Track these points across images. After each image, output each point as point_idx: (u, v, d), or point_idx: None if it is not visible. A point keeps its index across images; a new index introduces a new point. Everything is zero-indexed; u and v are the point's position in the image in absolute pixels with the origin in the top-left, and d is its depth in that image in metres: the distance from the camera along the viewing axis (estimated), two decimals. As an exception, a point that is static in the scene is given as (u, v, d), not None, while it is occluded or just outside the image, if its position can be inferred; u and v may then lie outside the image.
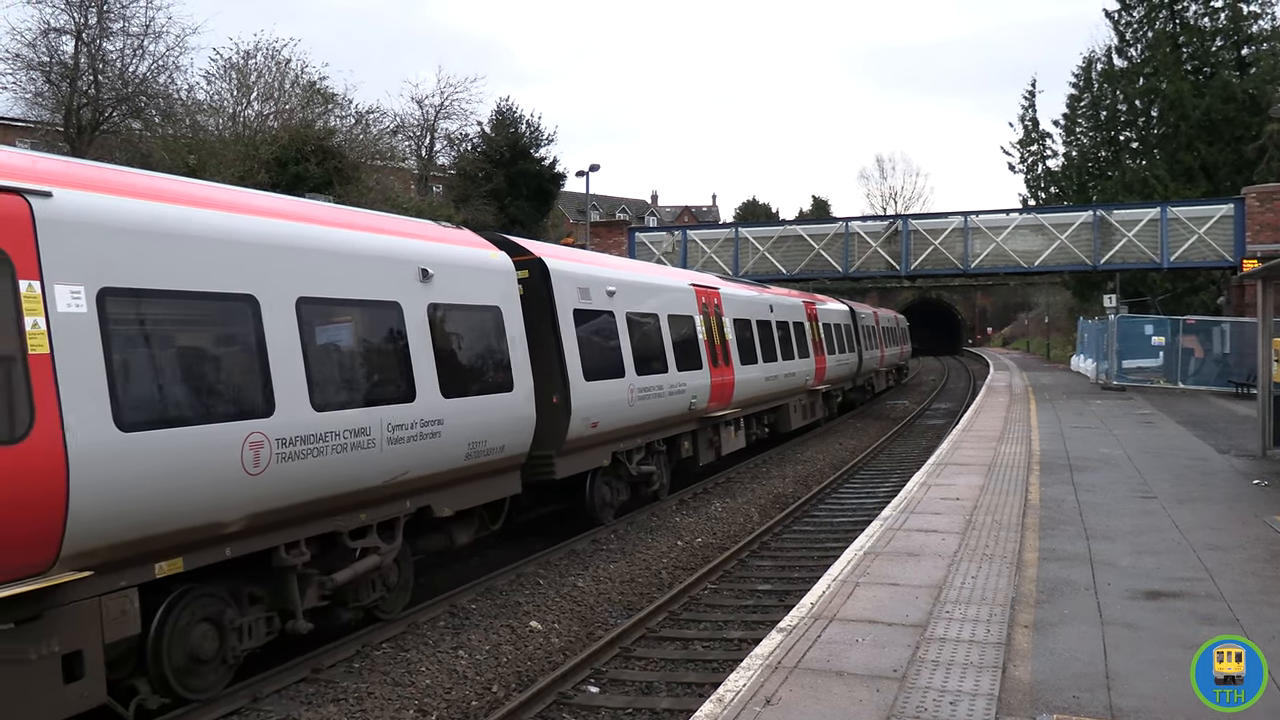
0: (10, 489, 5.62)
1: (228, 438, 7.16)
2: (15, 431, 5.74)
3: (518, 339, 11.28)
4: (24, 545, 5.80)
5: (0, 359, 5.83)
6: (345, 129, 39.10)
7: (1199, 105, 39.11)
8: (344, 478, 8.34)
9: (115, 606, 6.53)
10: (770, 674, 6.27)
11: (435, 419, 9.48)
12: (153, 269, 6.80)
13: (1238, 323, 28.96)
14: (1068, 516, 11.11)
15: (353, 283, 8.80)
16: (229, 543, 7.42)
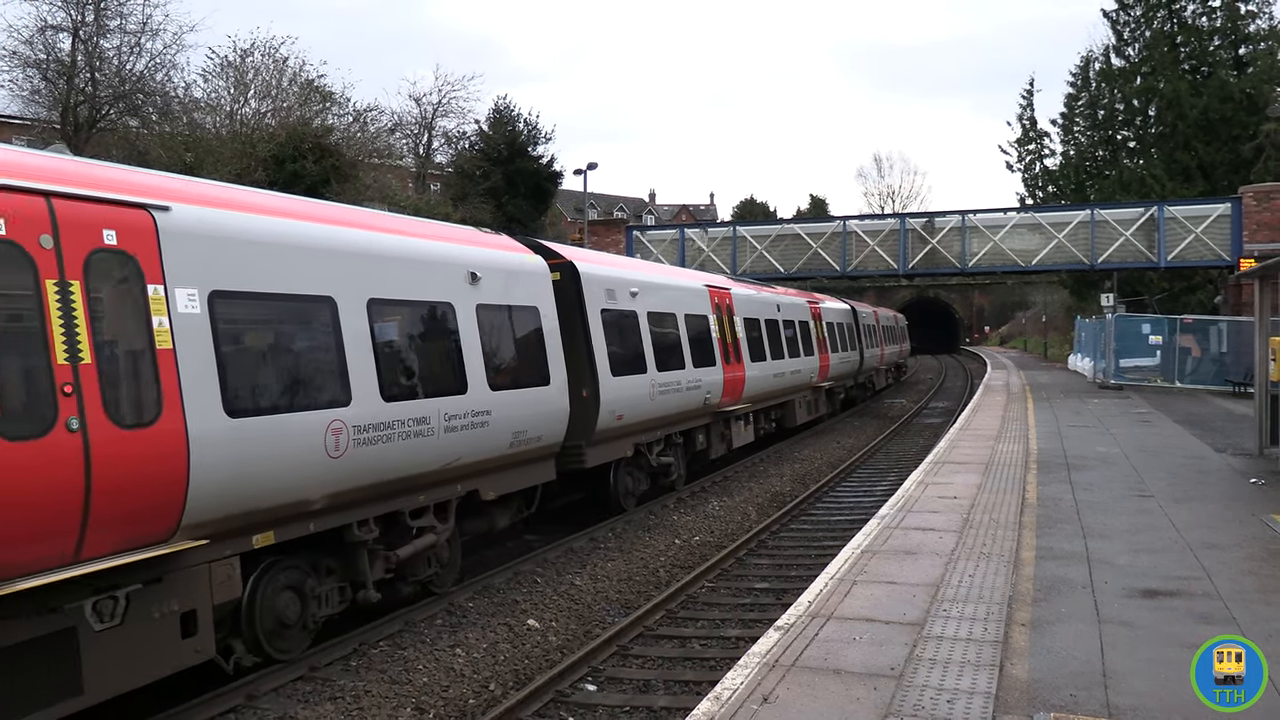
0: (143, 468, 6.47)
1: (314, 424, 8.02)
2: (146, 417, 6.58)
3: (553, 336, 12.21)
4: (153, 517, 6.64)
5: (133, 354, 6.65)
6: (343, 127, 39.08)
7: (1196, 104, 39.11)
8: (407, 462, 9.19)
9: (221, 572, 7.42)
10: (768, 672, 6.27)
11: (484, 410, 10.36)
12: (251, 273, 7.66)
13: (1235, 322, 28.97)
14: (1065, 515, 11.12)
15: (413, 285, 9.72)
16: (312, 519, 8.27)
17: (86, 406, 6.17)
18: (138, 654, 6.73)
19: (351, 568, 9.02)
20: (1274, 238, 28.35)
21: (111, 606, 6.53)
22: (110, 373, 6.41)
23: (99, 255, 6.47)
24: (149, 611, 6.80)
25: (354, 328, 8.63)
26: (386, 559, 9.35)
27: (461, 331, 10.27)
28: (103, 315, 6.46)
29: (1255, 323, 16.54)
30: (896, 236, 33.20)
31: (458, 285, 10.39)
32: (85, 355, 6.22)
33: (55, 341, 6.09)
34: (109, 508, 6.24)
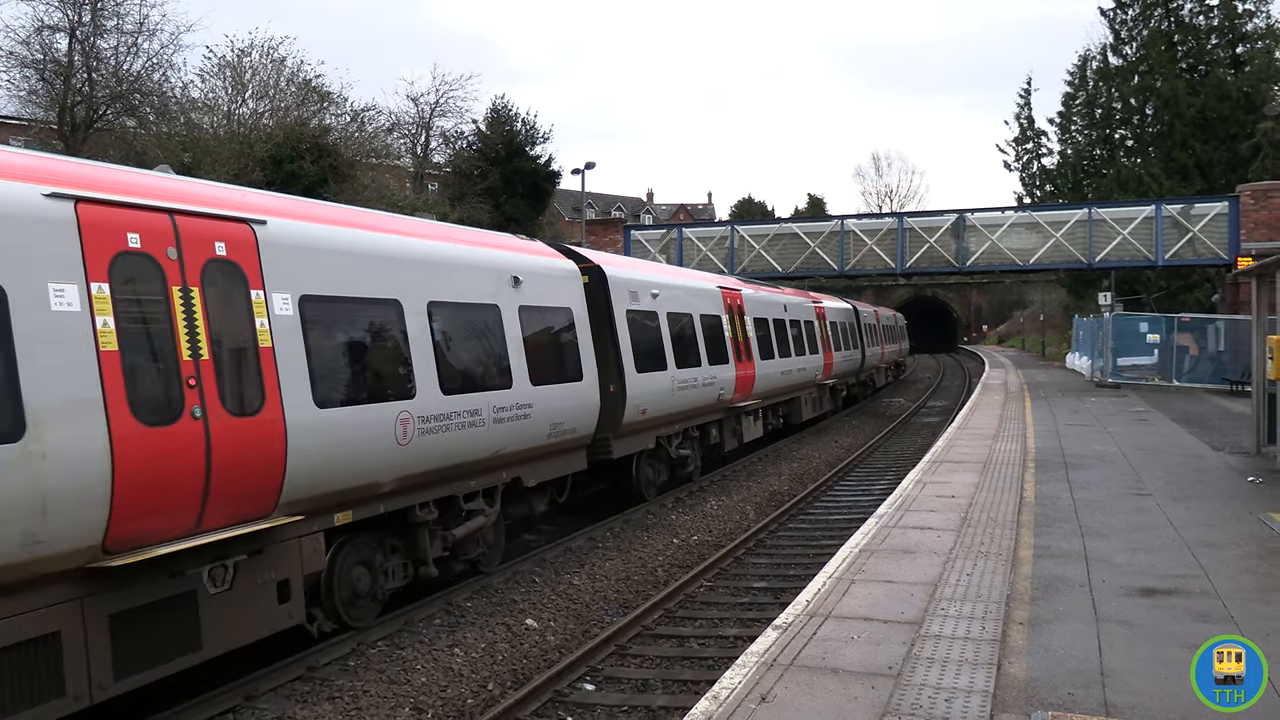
0: (251, 452, 7.36)
1: (387, 415, 8.93)
2: (253, 407, 7.48)
3: (585, 335, 13.13)
4: (257, 495, 7.53)
5: (241, 351, 7.52)
6: (340, 127, 39.03)
7: (1194, 103, 39.11)
8: (462, 450, 10.12)
9: (309, 546, 8.33)
10: (766, 671, 6.27)
11: (527, 403, 11.33)
12: (333, 279, 8.61)
13: (1232, 320, 28.99)
14: (1063, 514, 11.13)
15: (465, 288, 10.65)
16: (383, 500, 9.16)
17: (206, 397, 7.09)
18: (243, 616, 7.63)
19: (413, 546, 9.92)
20: (1271, 236, 28.36)
21: (223, 574, 7.46)
22: (224, 368, 7.33)
23: (212, 264, 7.37)
24: (253, 579, 7.70)
25: (417, 328, 9.56)
26: (444, 538, 10.25)
27: (506, 331, 11.24)
28: (216, 317, 7.33)
29: (1253, 321, 16.56)
30: (894, 235, 33.21)
31: (502, 288, 11.35)
32: (204, 352, 7.16)
33: (181, 340, 7.01)
34: (224, 486, 7.16)
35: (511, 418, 10.99)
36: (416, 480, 9.47)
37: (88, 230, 6.47)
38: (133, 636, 6.71)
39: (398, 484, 9.21)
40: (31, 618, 6.07)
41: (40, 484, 5.93)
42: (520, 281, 11.66)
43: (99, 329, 6.44)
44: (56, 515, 6.02)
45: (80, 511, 6.17)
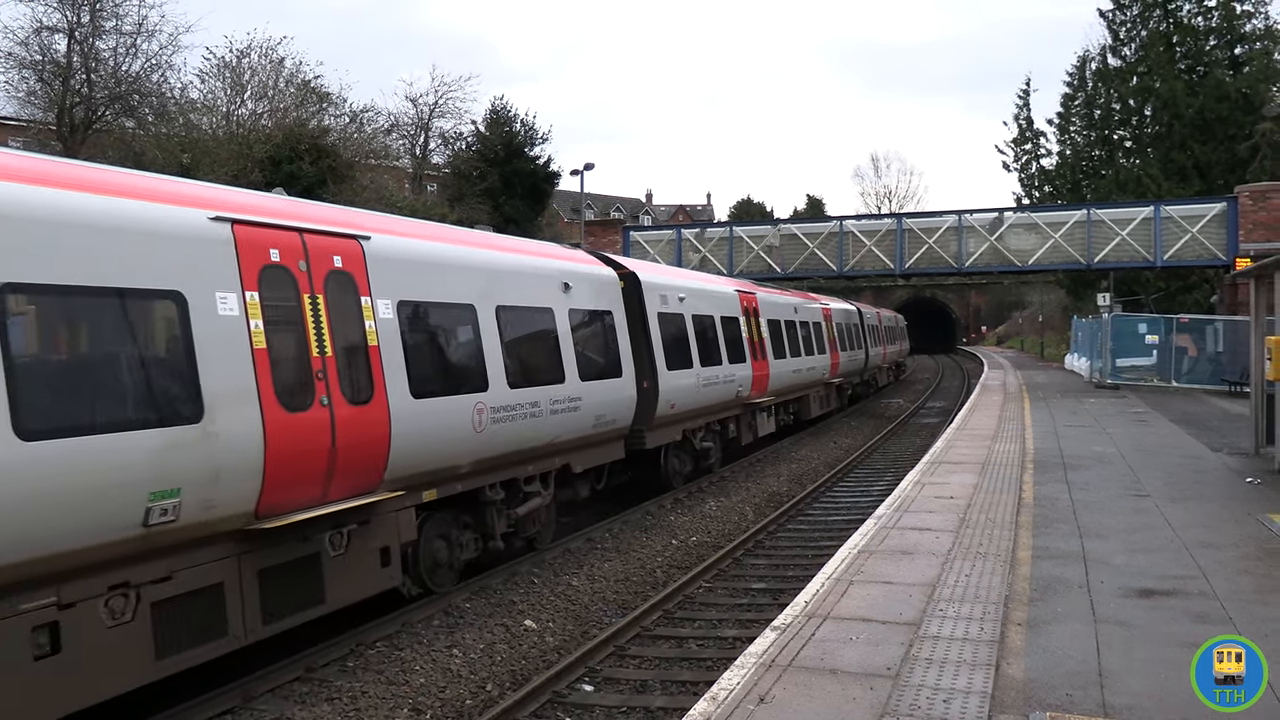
0: (363, 435, 8.53)
1: (466, 405, 10.14)
2: (364, 397, 8.66)
3: (624, 336, 14.38)
4: (368, 472, 8.68)
5: (354, 349, 8.70)
6: (339, 128, 39.03)
7: (1192, 104, 39.12)
8: (524, 438, 11.31)
9: (404, 519, 9.42)
10: (764, 672, 6.28)
11: (576, 397, 12.52)
12: (423, 286, 9.81)
13: (1231, 321, 28.98)
14: (1061, 515, 11.13)
15: (526, 293, 11.91)
16: (460, 481, 10.35)
17: (331, 388, 8.25)
18: (355, 577, 8.78)
19: (482, 522, 11.08)
20: (1270, 237, 28.37)
21: (340, 540, 8.56)
22: (342, 363, 8.49)
23: (332, 275, 8.54)
24: (362, 545, 8.83)
25: (488, 328, 10.78)
26: (508, 516, 11.44)
27: (559, 331, 12.46)
28: (336, 320, 8.47)
29: (1251, 322, 16.57)
30: (893, 236, 33.21)
31: (555, 293, 12.59)
32: (328, 350, 8.32)
33: (311, 339, 8.16)
34: (344, 464, 8.32)
35: (564, 409, 12.20)
36: (488, 464, 10.74)
37: (242, 247, 7.65)
38: (275, 589, 7.89)
39: (473, 466, 10.46)
40: (203, 570, 7.23)
41: (214, 458, 7.09)
42: (569, 287, 12.96)
43: (252, 330, 7.59)
44: (225, 485, 7.19)
45: (241, 482, 7.35)
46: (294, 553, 8.07)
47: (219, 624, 7.36)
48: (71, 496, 6.07)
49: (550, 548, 12.77)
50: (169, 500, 6.74)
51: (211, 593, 7.30)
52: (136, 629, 6.70)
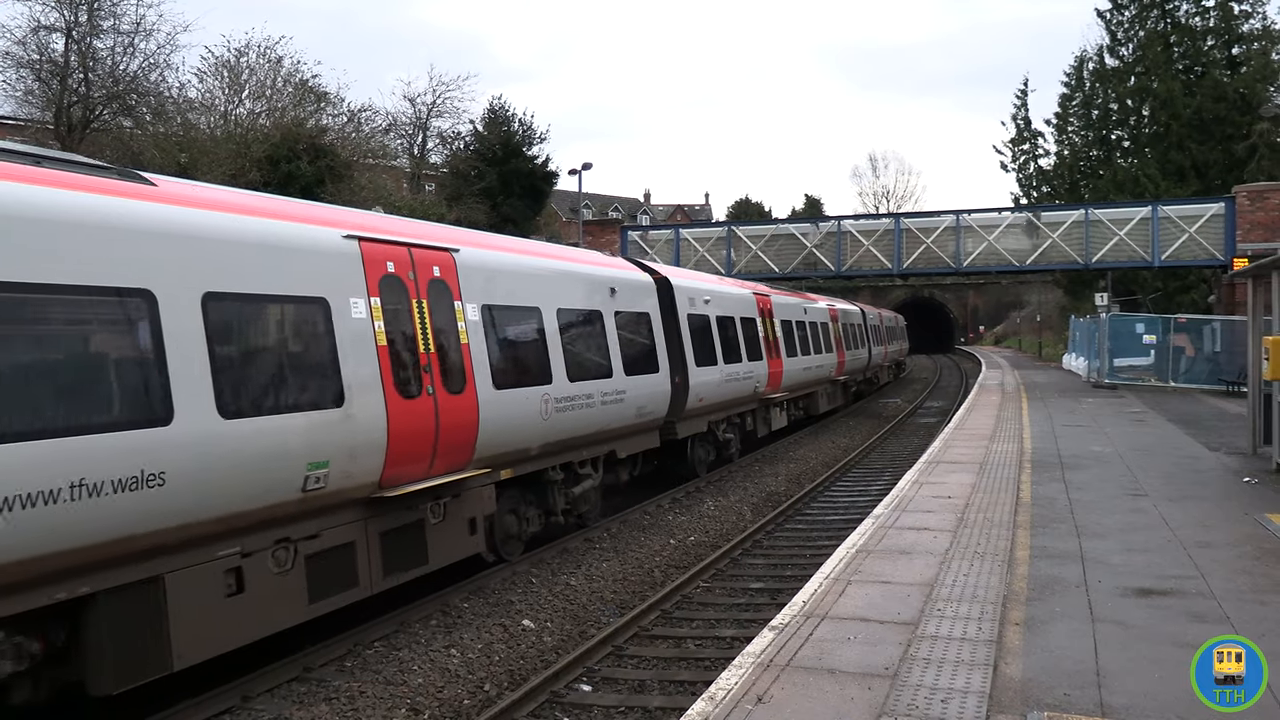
0: (458, 420, 9.87)
1: (536, 396, 11.52)
2: (458, 387, 9.98)
3: (660, 336, 15.71)
4: (461, 452, 10.01)
5: (450, 347, 10.01)
6: (337, 127, 39.01)
7: (1190, 104, 39.18)
8: (579, 426, 12.65)
9: (487, 494, 10.78)
10: (762, 672, 6.27)
11: (622, 390, 13.88)
12: (500, 292, 11.20)
13: (1228, 321, 29.03)
14: (1059, 514, 11.14)
15: (580, 297, 13.35)
16: (530, 462, 11.71)
17: (435, 380, 9.60)
18: (449, 542, 10.14)
19: (544, 500, 12.46)
20: (1267, 237, 28.41)
21: (438, 509, 9.92)
22: (442, 358, 9.81)
23: (432, 283, 9.91)
24: (455, 515, 10.21)
25: (551, 328, 12.17)
26: (566, 495, 12.84)
27: (607, 331, 13.84)
28: (436, 321, 9.83)
29: (1249, 322, 16.59)
30: (891, 236, 33.23)
31: (604, 297, 14.00)
32: (431, 347, 9.66)
33: (418, 338, 9.53)
34: (444, 445, 9.66)
35: (611, 401, 13.56)
36: (552, 448, 12.10)
37: (367, 260, 9.03)
38: (392, 549, 9.21)
39: (540, 450, 11.81)
40: (341, 530, 8.58)
41: (352, 437, 8.39)
42: (615, 291, 14.36)
43: (376, 330, 8.91)
44: (359, 459, 8.48)
45: (371, 456, 8.63)
46: (405, 519, 9.42)
47: (352, 576, 8.73)
48: (257, 464, 7.46)
49: (548, 547, 12.78)
50: (320, 470, 8.09)
51: (347, 549, 8.68)
52: (295, 576, 8.09)
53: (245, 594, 7.53)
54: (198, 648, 7.17)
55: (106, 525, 6.32)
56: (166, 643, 6.89)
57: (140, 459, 6.52)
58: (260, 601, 7.70)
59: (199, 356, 7.11)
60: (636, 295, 15.22)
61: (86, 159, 7.64)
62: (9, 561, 5.81)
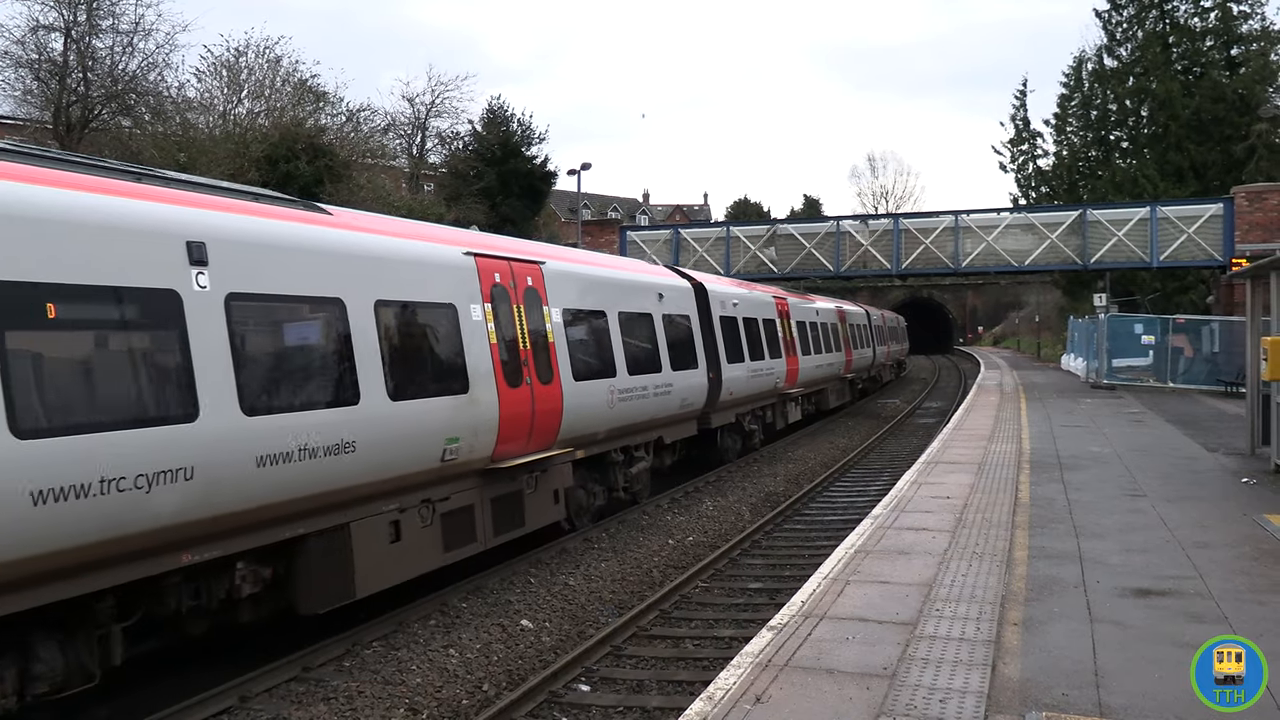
0: (548, 406, 11.75)
1: (603, 387, 13.43)
2: (548, 379, 11.86)
3: (698, 335, 17.59)
4: (549, 433, 11.89)
5: (541, 345, 11.90)
6: (336, 127, 38.98)
7: (1189, 105, 39.19)
8: (636, 414, 14.58)
9: (567, 470, 12.69)
10: (760, 672, 6.27)
11: (669, 384, 15.75)
12: (577, 298, 13.29)
13: (1227, 322, 29.04)
14: (1058, 515, 11.14)
15: (636, 302, 15.27)
16: (597, 445, 13.60)
17: (530, 372, 11.43)
18: (539, 509, 11.98)
19: (606, 478, 14.39)
20: (1266, 238, 28.43)
21: (532, 481, 11.76)
22: (535, 354, 11.67)
23: (527, 291, 11.91)
24: (544, 486, 12.10)
25: (615, 329, 14.13)
26: (624, 474, 14.77)
27: (657, 332, 15.68)
28: (530, 323, 11.70)
29: (1247, 323, 16.59)
30: (890, 236, 33.24)
31: (654, 301, 15.88)
32: (527, 344, 11.54)
33: (519, 336, 11.42)
34: (538, 427, 11.55)
35: (660, 393, 15.34)
36: (615, 432, 14.04)
37: (481, 272, 10.94)
38: (499, 512, 11.05)
39: (607, 434, 13.74)
40: (465, 494, 10.42)
41: (475, 417, 10.21)
42: (663, 297, 16.26)
43: (489, 330, 10.76)
44: (479, 436, 10.30)
45: (486, 435, 10.44)
46: (509, 488, 11.26)
47: (472, 533, 10.55)
48: (414, 438, 9.29)
49: (547, 547, 12.79)
50: (454, 444, 9.86)
51: (468, 511, 10.47)
52: (434, 530, 9.88)
53: (401, 542, 9.39)
54: (370, 582, 8.91)
55: (318, 481, 8.09)
56: (351, 576, 8.67)
57: (341, 430, 8.30)
58: (411, 548, 9.55)
59: (375, 351, 8.92)
60: (679, 300, 17.20)
61: (281, 195, 9.87)
62: (261, 504, 7.56)
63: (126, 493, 6.40)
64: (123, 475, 6.37)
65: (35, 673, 6.47)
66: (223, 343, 7.36)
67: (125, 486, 6.39)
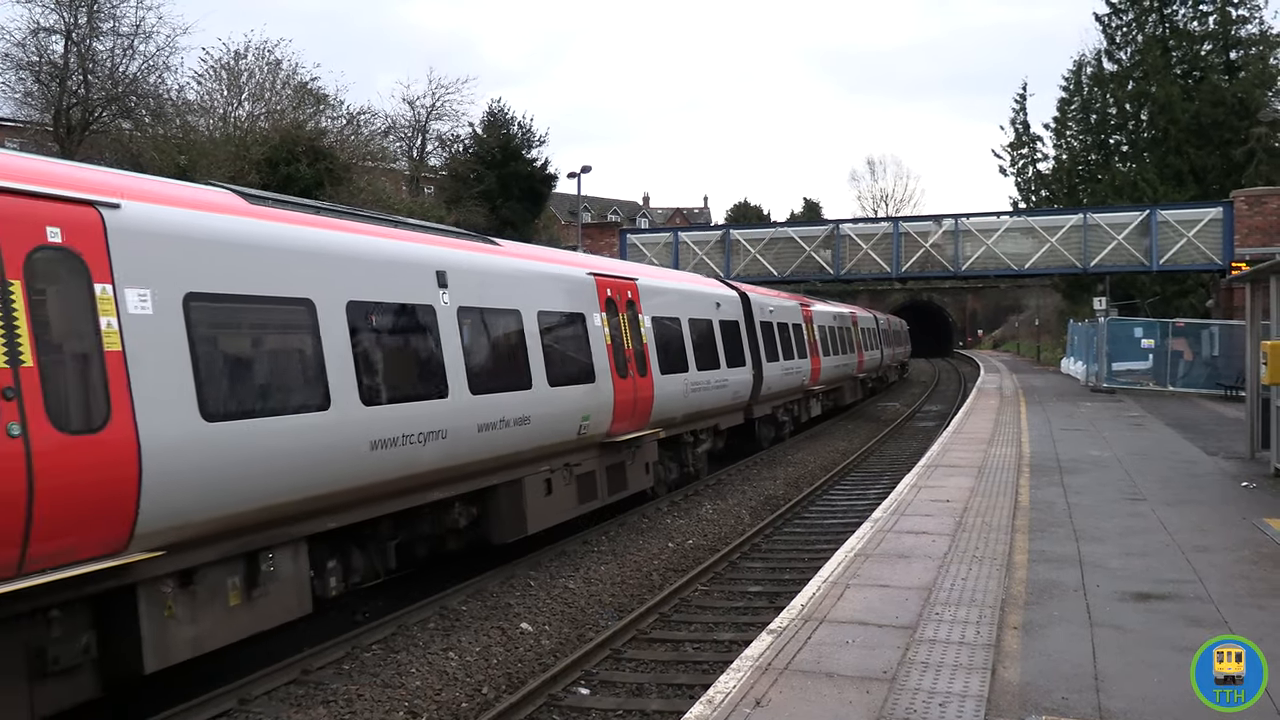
0: (644, 394, 14.52)
1: (680, 380, 16.15)
2: (643, 372, 14.67)
3: (744, 338, 20.30)
4: (644, 416, 14.66)
5: (638, 346, 14.69)
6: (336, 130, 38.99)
7: (1188, 109, 39.19)
8: (702, 403, 17.38)
9: (653, 447, 15.49)
10: (760, 675, 6.27)
11: (725, 379, 18.47)
12: (662, 306, 16.19)
13: (1226, 325, 29.05)
14: (1057, 519, 11.14)
15: (700, 309, 18.17)
16: (674, 427, 16.47)
17: (632, 367, 14.37)
18: (635, 477, 14.87)
19: (679, 456, 17.42)
20: (1265, 242, 28.45)
21: (632, 455, 14.62)
22: (636, 353, 14.65)
23: (628, 302, 14.79)
24: (639, 459, 14.92)
25: (686, 332, 16.90)
26: (692, 454, 17.79)
27: (716, 335, 18.49)
28: (629, 328, 14.60)
29: (1247, 326, 16.59)
30: (890, 239, 33.26)
31: (712, 309, 18.86)
32: (629, 345, 14.46)
33: (624, 338, 14.33)
34: (637, 410, 14.44)
35: (719, 386, 18.09)
36: (687, 418, 16.94)
37: (599, 288, 13.96)
38: (611, 477, 13.98)
39: (682, 419, 16.65)
40: (590, 462, 13.29)
41: (599, 401, 13.16)
42: (719, 305, 19.23)
43: (605, 334, 13.69)
44: (602, 415, 13.24)
45: (606, 415, 13.38)
46: (617, 458, 14.20)
47: (594, 491, 13.46)
48: (564, 415, 12.23)
49: (546, 549, 12.79)
50: (586, 421, 12.76)
51: (592, 474, 13.36)
52: (572, 487, 12.79)
53: (552, 494, 12.18)
54: (535, 523, 11.67)
55: (509, 444, 10.89)
56: (524, 517, 11.42)
57: (522, 408, 11.05)
58: (559, 500, 12.38)
59: (539, 347, 11.76)
60: (731, 307, 20.08)
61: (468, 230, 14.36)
62: (477, 459, 10.33)
63: (413, 446, 9.11)
64: (412, 433, 9.08)
65: (354, 566, 9.24)
66: (456, 343, 10.07)
67: (413, 441, 9.09)
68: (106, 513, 6.25)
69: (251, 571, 7.72)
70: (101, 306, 6.31)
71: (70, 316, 6.24)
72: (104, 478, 6.20)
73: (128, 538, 6.42)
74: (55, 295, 6.19)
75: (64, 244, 6.15)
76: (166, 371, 6.72)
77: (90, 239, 6.31)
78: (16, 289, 5.83)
